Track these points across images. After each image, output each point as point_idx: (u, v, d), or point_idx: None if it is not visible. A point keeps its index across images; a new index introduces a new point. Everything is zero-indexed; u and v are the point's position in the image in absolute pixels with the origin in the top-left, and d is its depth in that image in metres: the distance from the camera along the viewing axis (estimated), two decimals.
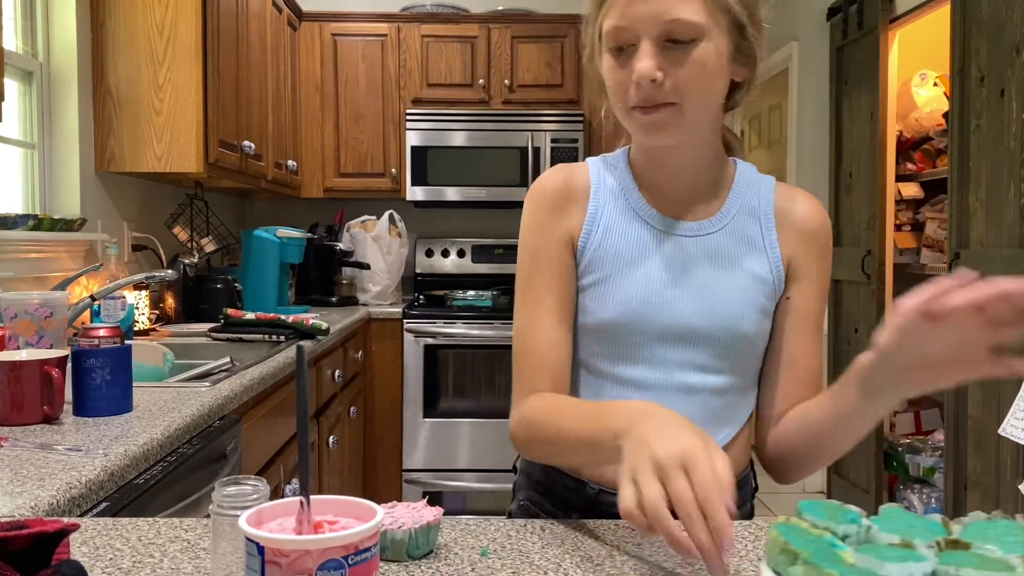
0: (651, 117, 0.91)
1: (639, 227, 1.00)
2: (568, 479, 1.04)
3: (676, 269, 0.98)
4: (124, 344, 1.36)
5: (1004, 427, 0.90)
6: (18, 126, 2.31)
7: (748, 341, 0.98)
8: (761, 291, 0.99)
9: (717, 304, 0.97)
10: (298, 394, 0.61)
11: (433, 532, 0.80)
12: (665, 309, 0.97)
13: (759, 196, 1.02)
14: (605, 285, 0.99)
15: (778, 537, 0.66)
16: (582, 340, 1.02)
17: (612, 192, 1.02)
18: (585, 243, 1.00)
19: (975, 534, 0.70)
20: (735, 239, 1.00)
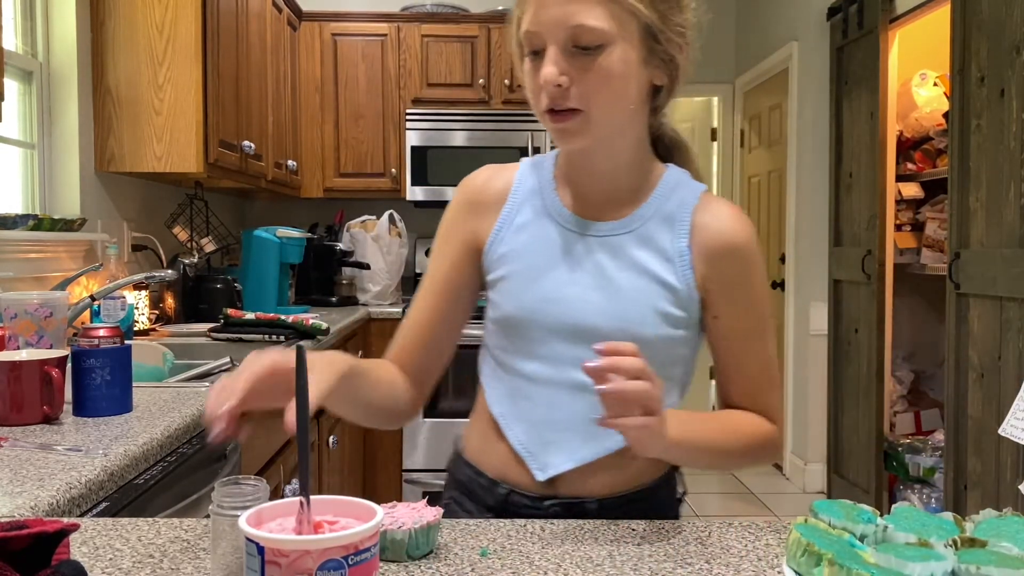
0: (560, 124, 0.93)
1: (549, 226, 1.02)
2: (483, 479, 1.04)
3: (578, 268, 0.99)
4: (124, 344, 1.36)
5: (1004, 427, 0.90)
6: (18, 126, 2.31)
7: (646, 345, 0.89)
8: (666, 297, 0.97)
9: (616, 305, 0.97)
10: (298, 394, 0.61)
11: (433, 532, 0.80)
12: (563, 306, 0.98)
13: (680, 203, 1.00)
14: (509, 281, 1.01)
15: (800, 538, 0.66)
16: (492, 334, 1.06)
17: (531, 192, 1.04)
18: (494, 241, 1.03)
19: (988, 532, 0.70)
20: (643, 243, 0.99)
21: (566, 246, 1.00)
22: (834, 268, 4.02)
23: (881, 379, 3.61)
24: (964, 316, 2.85)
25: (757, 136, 5.04)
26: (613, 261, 0.99)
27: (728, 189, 5.46)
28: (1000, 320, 2.64)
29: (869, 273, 3.64)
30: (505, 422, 1.02)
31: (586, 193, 1.02)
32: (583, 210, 1.02)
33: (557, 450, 0.99)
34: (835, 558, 0.62)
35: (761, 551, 0.82)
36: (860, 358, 3.75)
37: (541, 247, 1.01)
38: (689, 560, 0.79)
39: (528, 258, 1.01)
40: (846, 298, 3.92)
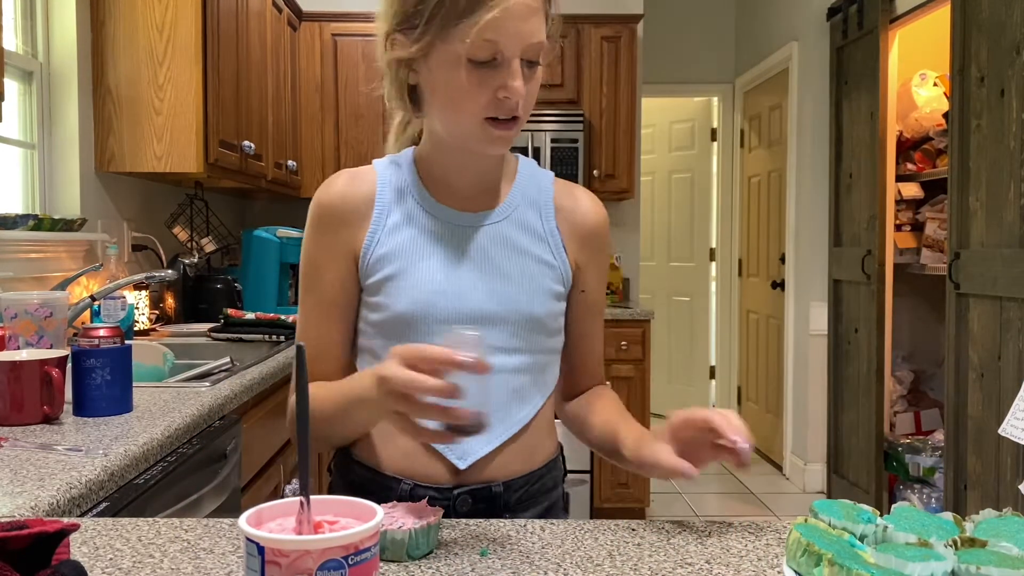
0: (502, 132, 0.96)
1: (426, 221, 1.04)
2: (380, 476, 1.03)
3: (465, 257, 1.03)
4: (124, 344, 1.36)
5: (1004, 427, 0.90)
6: (18, 126, 2.31)
7: (539, 322, 1.03)
8: (548, 275, 1.05)
9: (507, 289, 1.02)
10: (298, 394, 0.61)
11: (433, 532, 0.80)
12: (457, 296, 1.01)
13: (540, 188, 1.09)
14: (397, 279, 1.01)
15: (800, 538, 0.66)
16: (378, 337, 1.03)
17: (398, 192, 1.05)
18: (369, 246, 1.02)
19: (988, 532, 0.70)
20: (520, 228, 1.05)
21: (447, 238, 1.03)
22: (834, 268, 4.02)
23: (881, 379, 3.61)
24: (964, 316, 2.85)
25: (757, 136, 5.04)
26: (495, 247, 1.03)
27: (728, 189, 5.46)
28: (1000, 320, 2.64)
29: (869, 273, 3.64)
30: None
31: (459, 188, 1.05)
32: (454, 203, 1.05)
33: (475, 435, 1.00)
34: (835, 558, 0.62)
35: (761, 551, 0.82)
36: (860, 358, 3.75)
37: (422, 242, 1.02)
38: (689, 560, 0.79)
39: (411, 255, 1.02)
40: (846, 298, 3.92)
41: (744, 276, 5.30)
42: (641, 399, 3.74)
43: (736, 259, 5.39)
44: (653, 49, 5.04)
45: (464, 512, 1.00)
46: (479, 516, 1.00)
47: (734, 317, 5.43)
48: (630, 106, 3.98)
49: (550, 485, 1.09)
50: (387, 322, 1.01)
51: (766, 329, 4.88)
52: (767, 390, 4.88)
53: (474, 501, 1.01)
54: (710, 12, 5.34)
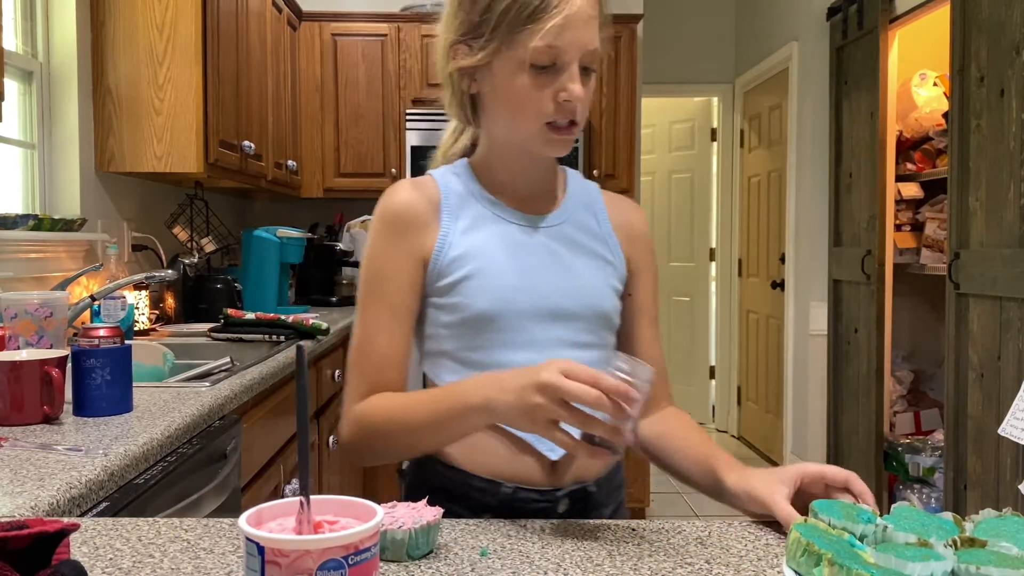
0: (562, 135, 1.01)
1: (496, 223, 1.07)
2: (477, 479, 1.03)
3: (537, 256, 1.06)
4: (124, 344, 1.36)
5: (1004, 427, 0.90)
6: (18, 126, 2.31)
7: (607, 318, 1.08)
8: (611, 273, 1.10)
9: (579, 285, 1.06)
10: (298, 394, 0.61)
11: (433, 532, 0.80)
12: (535, 292, 1.04)
13: (589, 195, 1.15)
14: (474, 279, 1.03)
15: (800, 538, 0.66)
16: (455, 339, 1.05)
17: (462, 197, 1.08)
18: (442, 248, 1.04)
19: (988, 532, 0.70)
20: (580, 229, 1.10)
21: (518, 238, 1.07)
22: (834, 268, 4.02)
23: (881, 379, 3.61)
24: (964, 316, 2.85)
25: (757, 136, 5.04)
26: (563, 247, 1.08)
27: (728, 189, 5.46)
28: (1000, 320, 2.64)
29: (869, 273, 3.64)
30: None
31: (520, 192, 1.10)
32: (520, 207, 1.09)
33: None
34: (835, 558, 0.62)
35: (761, 551, 0.82)
36: (860, 358, 3.75)
37: (495, 243, 1.05)
38: (689, 560, 0.79)
39: (487, 255, 1.04)
40: (846, 298, 3.93)
41: (744, 276, 5.30)
42: None
43: (736, 259, 5.39)
44: (653, 49, 5.04)
45: (562, 513, 1.02)
46: (575, 516, 1.02)
47: (734, 317, 5.43)
48: (630, 106, 3.98)
49: (620, 481, 1.13)
50: (466, 322, 1.03)
51: (766, 329, 4.88)
52: (767, 390, 4.88)
53: (572, 502, 1.03)
54: (710, 12, 5.34)
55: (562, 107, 0.98)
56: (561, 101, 0.98)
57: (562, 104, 0.98)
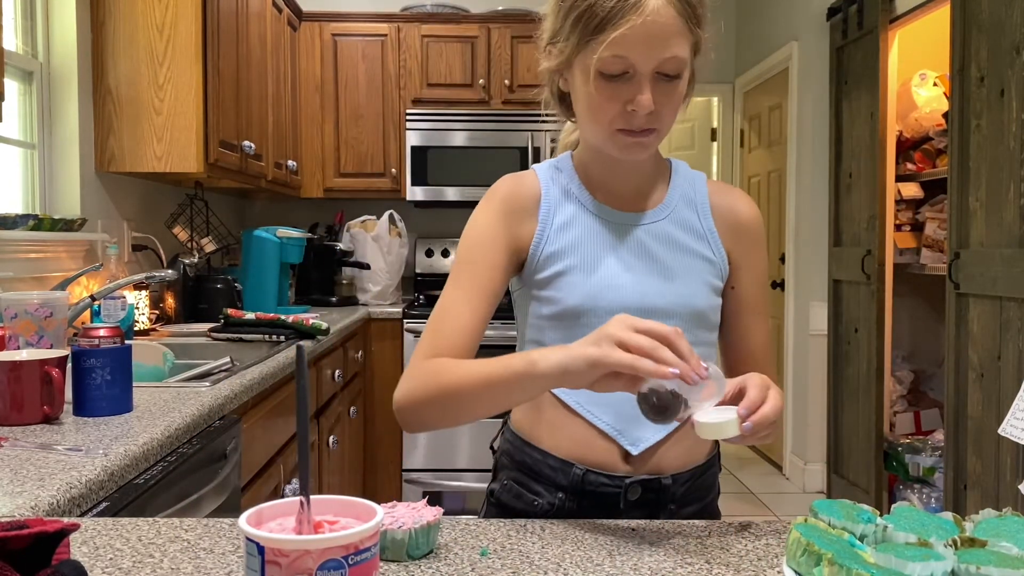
0: (636, 139, 1.01)
1: (591, 221, 1.09)
2: (552, 459, 1.07)
3: (632, 254, 1.07)
4: (124, 344, 1.36)
5: (1004, 427, 0.90)
6: (18, 126, 2.31)
7: (702, 316, 1.07)
8: (708, 271, 1.09)
9: (672, 283, 1.06)
10: (298, 394, 0.61)
11: (433, 532, 0.80)
12: (627, 290, 1.05)
13: (695, 189, 1.13)
14: (569, 275, 1.06)
15: (800, 538, 0.66)
16: (550, 330, 1.08)
17: (562, 192, 1.10)
18: (539, 243, 1.08)
19: (988, 531, 0.70)
20: (679, 226, 1.09)
21: (613, 237, 1.08)
22: (834, 268, 4.02)
23: (881, 379, 3.61)
24: (964, 316, 2.85)
25: (757, 136, 5.04)
26: (658, 245, 1.08)
27: None
28: (1000, 320, 2.64)
29: (869, 273, 3.64)
30: (584, 409, 1.06)
31: (618, 189, 1.10)
32: (616, 203, 1.10)
33: (643, 424, 1.02)
34: (835, 558, 0.62)
35: (761, 551, 0.82)
36: (860, 358, 3.75)
37: (591, 241, 1.07)
38: (689, 560, 0.79)
39: (581, 252, 1.06)
40: (846, 298, 3.93)
41: None
42: None
43: None
44: None
45: (633, 501, 1.04)
46: (647, 507, 1.05)
47: None
48: None
49: (710, 482, 1.13)
50: (558, 316, 1.06)
51: None
52: None
53: (644, 491, 1.04)
54: (710, 12, 5.33)
55: (631, 116, 0.99)
56: (629, 111, 0.98)
57: (630, 114, 0.98)
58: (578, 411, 1.07)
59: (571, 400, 1.07)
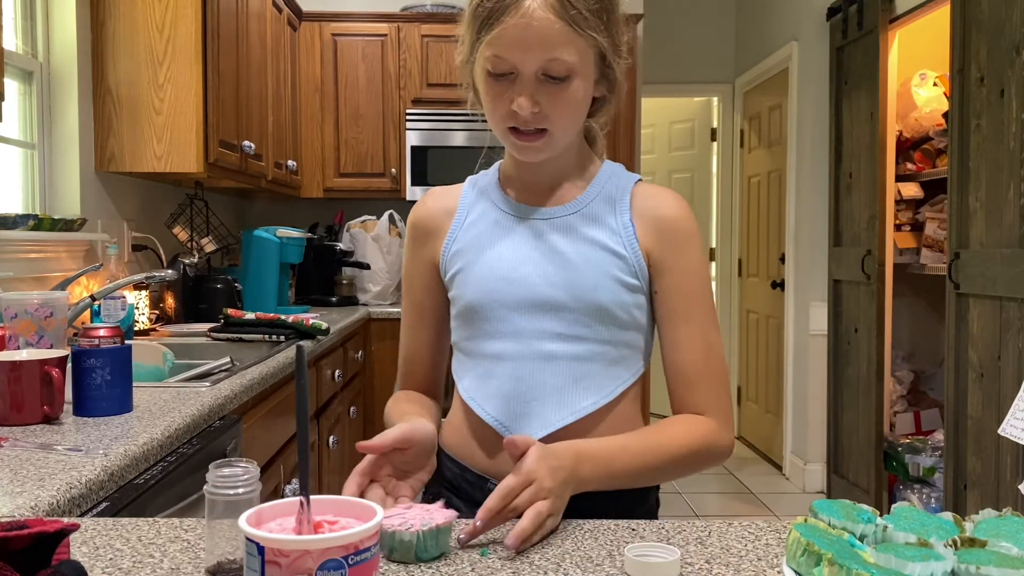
0: (527, 142, 1.01)
1: (498, 216, 1.09)
2: (470, 475, 1.08)
3: (530, 247, 1.06)
4: (124, 344, 1.36)
5: (1004, 427, 0.90)
6: (18, 126, 2.31)
7: (604, 310, 1.03)
8: (615, 265, 1.04)
9: (570, 276, 1.03)
10: (298, 394, 0.61)
11: (443, 535, 0.78)
12: (520, 283, 1.04)
13: (620, 188, 1.09)
14: (465, 272, 1.07)
15: (800, 538, 0.66)
16: (456, 329, 1.11)
17: (478, 193, 1.13)
18: (448, 245, 1.10)
19: (988, 531, 0.70)
20: (590, 220, 1.06)
21: (515, 230, 1.07)
22: (834, 268, 4.02)
23: (881, 379, 3.61)
24: (964, 316, 2.85)
25: (757, 136, 5.04)
26: (563, 238, 1.05)
27: (728, 189, 5.46)
28: (1000, 320, 2.64)
29: (869, 273, 3.64)
30: (476, 403, 1.06)
31: (532, 185, 1.10)
32: (531, 200, 1.10)
33: (529, 421, 1.03)
34: (835, 558, 0.62)
35: (761, 551, 0.82)
36: (860, 358, 3.75)
37: (490, 235, 1.08)
38: (689, 560, 0.79)
39: (480, 247, 1.07)
40: (846, 298, 3.92)
41: (744, 276, 5.30)
42: (641, 399, 3.73)
43: (736, 259, 5.39)
44: (653, 49, 5.04)
45: None
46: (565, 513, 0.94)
47: (734, 317, 5.43)
48: (630, 106, 3.97)
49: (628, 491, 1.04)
50: (461, 313, 1.08)
51: (766, 329, 4.88)
52: (767, 390, 4.87)
53: None
54: (710, 12, 5.34)
55: (516, 116, 0.99)
56: (514, 111, 0.99)
57: (516, 113, 0.99)
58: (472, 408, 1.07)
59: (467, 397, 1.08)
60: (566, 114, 1.00)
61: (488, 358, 1.06)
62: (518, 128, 1.01)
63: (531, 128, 1.00)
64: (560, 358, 1.03)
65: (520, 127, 1.00)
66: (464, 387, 1.09)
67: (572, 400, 1.03)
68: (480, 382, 1.07)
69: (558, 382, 1.03)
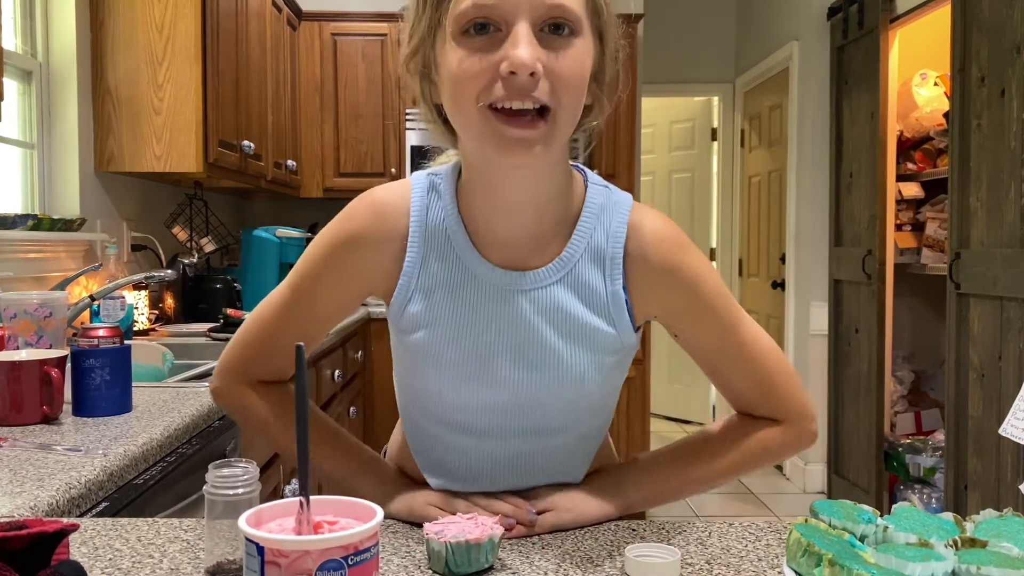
0: (518, 129, 0.75)
1: (466, 283, 0.86)
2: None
3: (507, 336, 0.86)
4: (123, 344, 1.36)
5: (1004, 427, 0.90)
6: (18, 126, 2.31)
7: (587, 399, 0.90)
8: (603, 348, 0.88)
9: (554, 373, 0.86)
10: (298, 394, 0.61)
11: (475, 551, 0.74)
12: (495, 382, 0.87)
13: (608, 234, 0.87)
14: (427, 353, 0.87)
15: (800, 538, 0.66)
16: (411, 387, 0.94)
17: (435, 234, 0.87)
18: (399, 297, 0.88)
19: (988, 532, 0.70)
20: (575, 292, 0.86)
21: (490, 309, 0.86)
22: (834, 268, 4.02)
23: (881, 379, 3.61)
24: (964, 316, 2.85)
25: (757, 136, 5.04)
26: (544, 322, 0.86)
27: (728, 189, 5.46)
28: (1000, 320, 2.64)
29: (869, 273, 3.64)
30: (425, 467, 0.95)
31: (503, 235, 0.86)
32: (502, 256, 0.86)
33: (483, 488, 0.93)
34: (835, 558, 0.61)
35: (761, 551, 0.81)
36: (860, 358, 3.75)
37: (460, 312, 0.86)
38: (689, 560, 0.79)
39: (447, 325, 0.87)
40: (846, 298, 3.92)
41: (744, 276, 5.30)
42: (641, 399, 3.74)
43: (736, 259, 5.39)
44: (653, 49, 5.04)
45: None
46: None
47: None
48: (630, 106, 3.97)
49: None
50: (417, 387, 0.92)
51: (766, 329, 4.86)
52: None
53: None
54: (710, 12, 5.34)
55: (508, 82, 0.73)
56: (505, 74, 0.72)
57: (507, 78, 0.73)
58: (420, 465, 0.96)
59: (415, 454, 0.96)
60: (575, 83, 0.76)
61: (457, 448, 0.92)
62: (506, 108, 0.74)
63: (527, 105, 0.74)
64: (540, 452, 0.91)
65: (510, 104, 0.74)
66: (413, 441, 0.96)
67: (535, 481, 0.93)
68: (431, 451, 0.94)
69: (537, 471, 0.92)
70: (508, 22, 0.73)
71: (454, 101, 0.78)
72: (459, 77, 0.75)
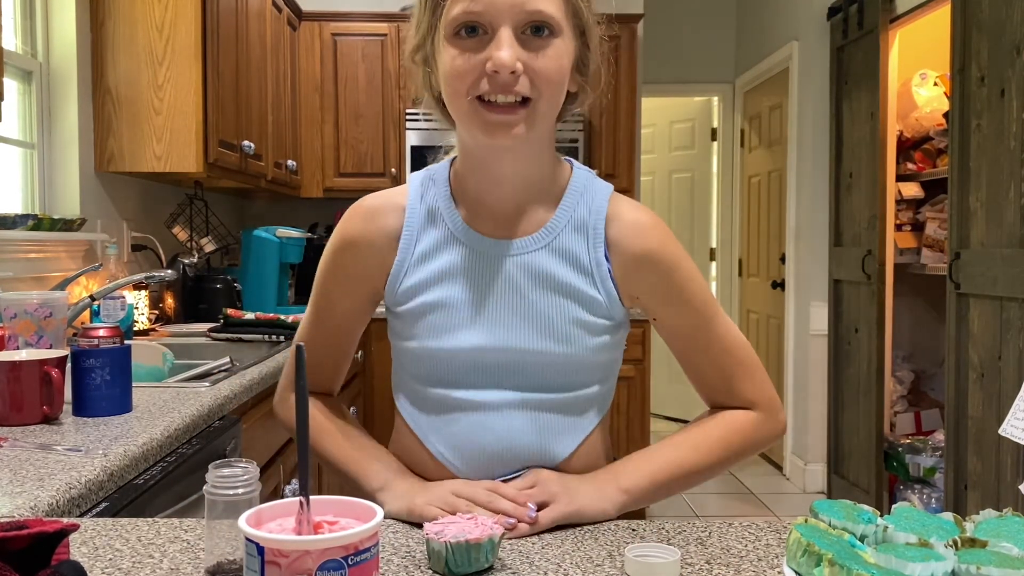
0: (502, 116, 0.87)
1: (456, 250, 0.96)
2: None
3: (495, 294, 0.95)
4: (124, 344, 1.36)
5: (1004, 427, 0.90)
6: (18, 126, 2.31)
7: (576, 360, 0.95)
8: (587, 309, 0.95)
9: (540, 328, 0.94)
10: (298, 394, 0.61)
11: (475, 551, 0.74)
12: (485, 336, 0.94)
13: (591, 209, 0.97)
14: (426, 317, 0.96)
15: (800, 538, 0.66)
16: (406, 359, 1.01)
17: (429, 215, 0.98)
18: (397, 275, 0.98)
19: (988, 532, 0.70)
20: (560, 257, 0.95)
21: (480, 273, 0.95)
22: (834, 268, 4.02)
23: (881, 379, 3.61)
24: (964, 316, 2.85)
25: (757, 136, 5.04)
26: (529, 281, 0.95)
27: (728, 189, 5.46)
28: (1000, 320, 2.64)
29: (869, 273, 3.64)
30: (430, 444, 0.98)
31: (493, 207, 0.96)
32: (488, 225, 0.96)
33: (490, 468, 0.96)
34: (835, 558, 0.61)
35: (761, 551, 0.82)
36: (860, 358, 3.75)
37: (449, 277, 0.96)
38: (689, 560, 0.79)
39: (441, 290, 0.96)
40: (846, 298, 3.92)
41: (744, 276, 5.30)
42: (641, 399, 3.74)
43: (736, 259, 5.39)
44: (653, 49, 5.04)
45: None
46: None
47: (734, 317, 5.43)
48: (630, 106, 3.98)
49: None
50: (416, 352, 0.98)
51: (766, 329, 4.88)
52: None
53: None
54: (710, 12, 5.34)
55: (492, 79, 0.85)
56: (490, 72, 0.85)
57: (491, 76, 0.85)
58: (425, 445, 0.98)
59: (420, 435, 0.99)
60: (553, 78, 0.88)
61: (450, 406, 0.97)
62: (491, 100, 0.87)
63: (510, 98, 0.86)
64: (530, 408, 0.95)
65: (494, 97, 0.86)
66: (416, 422, 1.00)
67: (542, 450, 0.96)
68: (436, 422, 0.98)
69: (531, 429, 0.95)
70: (493, 26, 0.86)
71: (448, 94, 0.91)
72: (451, 74, 0.88)
